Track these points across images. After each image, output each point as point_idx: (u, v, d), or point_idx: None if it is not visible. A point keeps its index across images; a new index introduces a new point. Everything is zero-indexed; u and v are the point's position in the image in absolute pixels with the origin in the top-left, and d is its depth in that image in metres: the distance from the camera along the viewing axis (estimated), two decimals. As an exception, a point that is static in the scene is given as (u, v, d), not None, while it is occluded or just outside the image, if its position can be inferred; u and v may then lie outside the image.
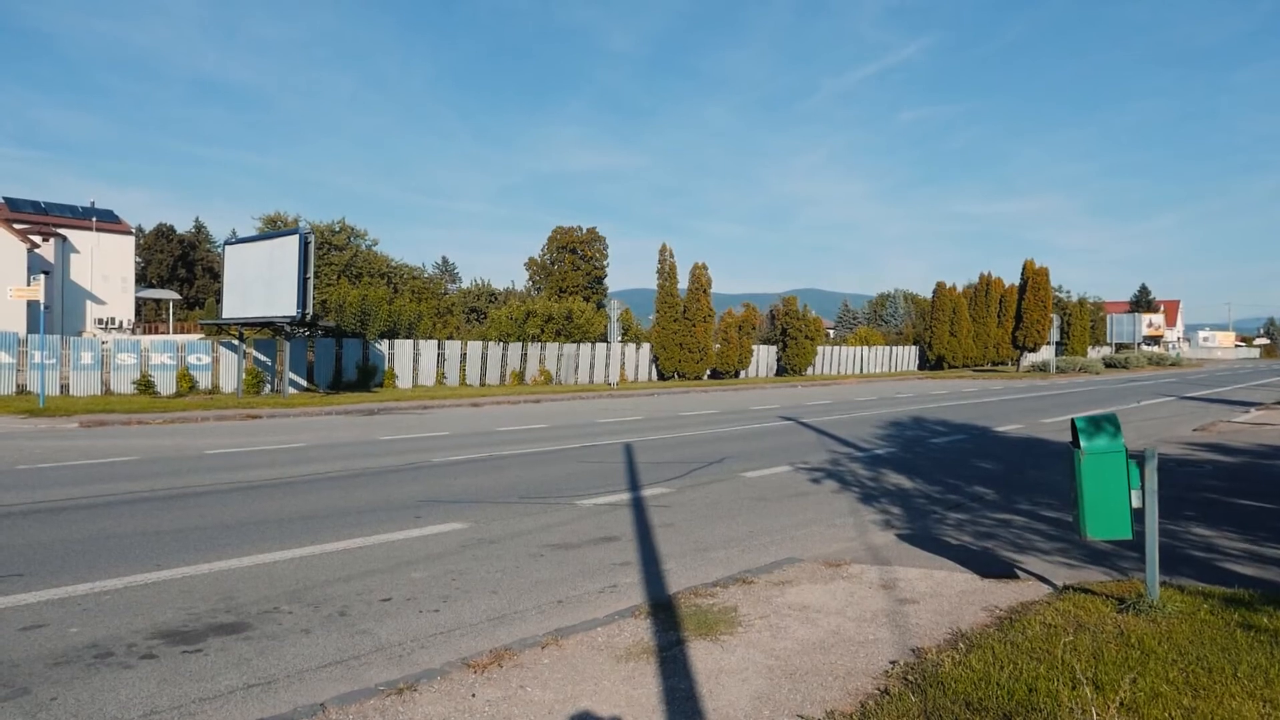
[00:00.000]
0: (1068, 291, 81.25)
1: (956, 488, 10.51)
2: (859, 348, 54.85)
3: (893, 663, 4.52)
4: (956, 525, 8.25)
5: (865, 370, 54.19)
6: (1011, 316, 55.79)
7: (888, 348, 58.33)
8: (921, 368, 58.37)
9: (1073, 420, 5.52)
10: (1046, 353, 58.10)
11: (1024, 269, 55.06)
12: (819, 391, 34.00)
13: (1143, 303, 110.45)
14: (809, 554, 7.06)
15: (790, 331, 46.52)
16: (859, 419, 20.25)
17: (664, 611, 5.38)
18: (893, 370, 56.57)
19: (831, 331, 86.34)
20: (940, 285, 56.03)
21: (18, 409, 19.25)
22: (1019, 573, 6.39)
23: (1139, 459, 5.28)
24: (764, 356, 47.30)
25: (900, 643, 4.86)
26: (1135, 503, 5.27)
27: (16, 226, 52.80)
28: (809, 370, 48.08)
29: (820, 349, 49.59)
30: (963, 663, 4.33)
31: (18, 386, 23.69)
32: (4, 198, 59.82)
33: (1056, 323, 54.08)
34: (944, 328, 55.34)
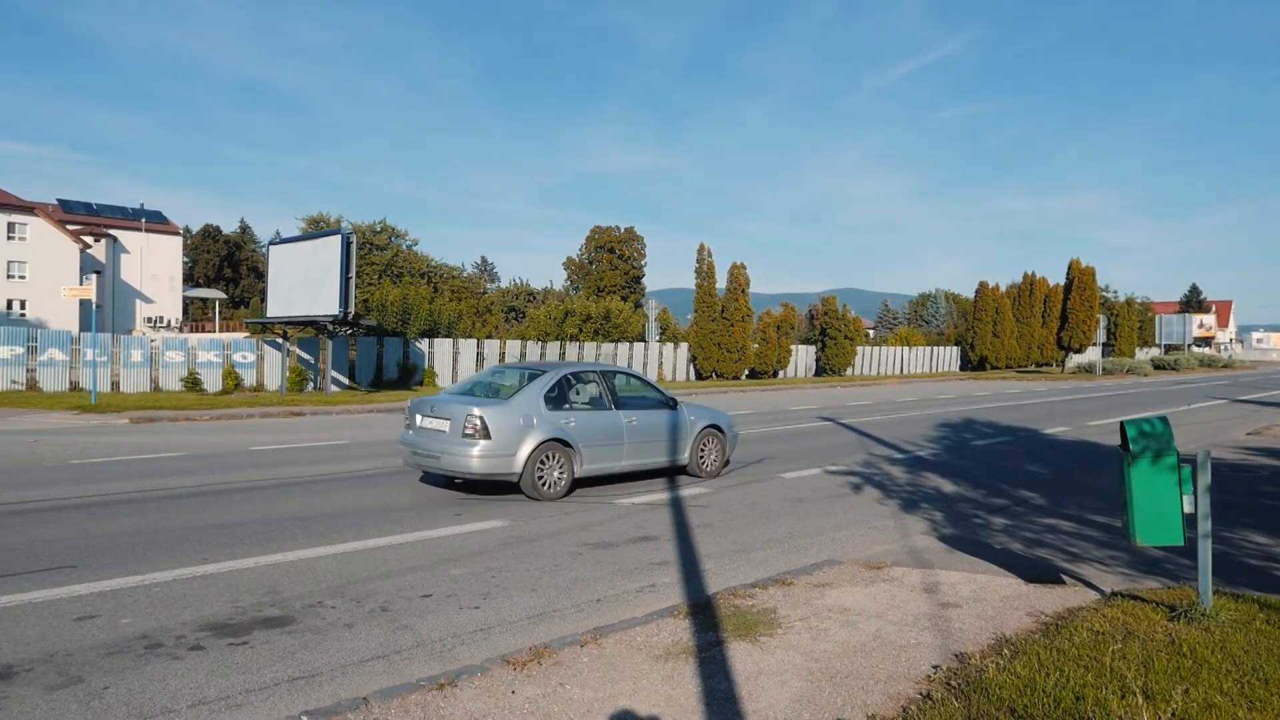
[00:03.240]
0: (1115, 291, 79.58)
1: (1000, 491, 10.34)
2: (899, 348, 54.21)
3: (935, 667, 4.45)
4: (1000, 529, 8.11)
5: (905, 371, 53.55)
6: (1056, 316, 54.71)
7: (929, 348, 57.58)
8: (963, 368, 57.54)
9: (1121, 423, 5.40)
10: (1092, 354, 56.91)
11: (1069, 268, 53.94)
12: (858, 392, 33.67)
13: (1193, 303, 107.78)
14: (849, 556, 6.99)
15: (829, 331, 46.13)
16: (899, 420, 20.02)
17: (703, 612, 5.36)
18: (934, 371, 55.84)
19: (871, 332, 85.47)
20: (982, 285, 55.14)
21: (71, 405, 19.78)
22: (1065, 578, 6.27)
23: (1191, 463, 5.15)
24: (802, 357, 46.96)
25: (943, 647, 4.79)
26: (1187, 508, 5.14)
27: (69, 227, 54.23)
28: (848, 371, 47.63)
29: (860, 349, 49.09)
30: (1007, 669, 4.26)
31: (71, 383, 24.34)
32: (57, 199, 61.58)
33: (1103, 323, 52.89)
34: (986, 328, 54.48)
